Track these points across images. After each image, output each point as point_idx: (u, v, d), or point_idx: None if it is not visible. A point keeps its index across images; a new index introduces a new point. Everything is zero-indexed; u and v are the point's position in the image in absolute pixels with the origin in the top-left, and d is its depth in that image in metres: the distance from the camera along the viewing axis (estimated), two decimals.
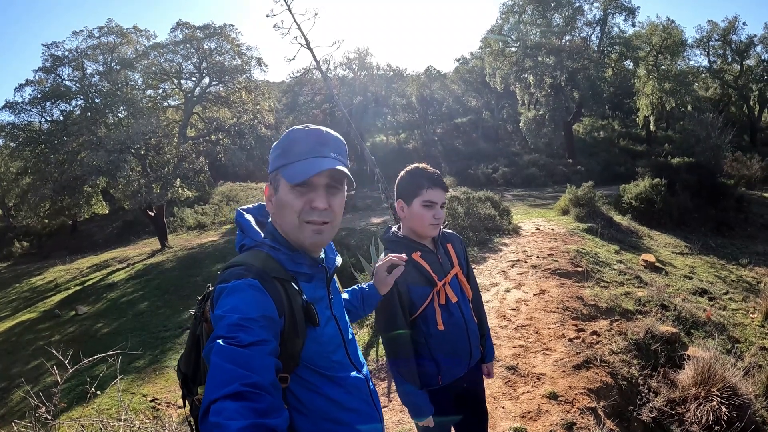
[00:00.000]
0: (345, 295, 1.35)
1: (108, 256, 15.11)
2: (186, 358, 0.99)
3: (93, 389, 2.31)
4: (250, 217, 1.09)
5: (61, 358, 2.14)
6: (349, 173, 1.01)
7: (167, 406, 4.25)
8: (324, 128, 1.03)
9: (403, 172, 1.60)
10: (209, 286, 0.96)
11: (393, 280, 1.38)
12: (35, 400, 2.09)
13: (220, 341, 0.80)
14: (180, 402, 4.49)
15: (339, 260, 1.16)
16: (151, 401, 4.42)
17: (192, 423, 1.00)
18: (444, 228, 1.75)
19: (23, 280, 14.29)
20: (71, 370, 2.10)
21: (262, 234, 1.05)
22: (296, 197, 0.98)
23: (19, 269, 16.80)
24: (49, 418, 2.04)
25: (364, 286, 1.43)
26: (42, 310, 10.03)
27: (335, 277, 1.17)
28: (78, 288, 11.64)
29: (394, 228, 1.67)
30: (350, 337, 1.12)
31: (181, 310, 8.09)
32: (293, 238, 1.01)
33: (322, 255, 1.10)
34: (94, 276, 12.69)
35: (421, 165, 1.59)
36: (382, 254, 1.58)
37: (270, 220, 1.07)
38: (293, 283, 0.97)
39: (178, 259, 12.31)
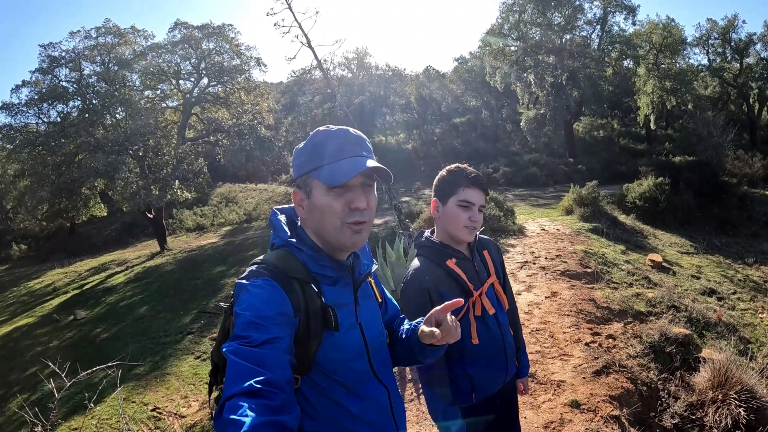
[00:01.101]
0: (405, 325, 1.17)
1: (107, 259, 14.96)
2: (217, 350, 0.99)
3: (92, 404, 2.18)
4: (282, 217, 1.08)
5: (57, 370, 2.02)
6: (387, 168, 0.99)
7: (169, 415, 4.11)
8: (349, 128, 1.02)
9: (443, 171, 1.51)
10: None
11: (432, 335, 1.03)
12: (32, 412, 1.98)
13: (234, 340, 0.82)
14: (182, 411, 4.37)
15: (374, 267, 1.11)
16: (152, 410, 4.27)
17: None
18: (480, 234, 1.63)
19: (21, 284, 14.14)
20: (68, 384, 1.98)
21: (289, 234, 1.03)
22: (334, 199, 0.96)
23: (17, 272, 16.64)
24: None
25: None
26: (40, 315, 9.87)
27: (371, 283, 1.11)
28: (76, 291, 11.47)
29: (428, 232, 1.54)
30: (377, 347, 1.06)
31: (182, 314, 7.94)
32: (333, 240, 0.99)
33: (350, 260, 1.04)
34: (92, 279, 12.53)
35: (463, 164, 1.49)
36: (415, 260, 1.46)
37: (299, 223, 1.04)
38: (313, 285, 0.96)
39: (178, 262, 12.16)
